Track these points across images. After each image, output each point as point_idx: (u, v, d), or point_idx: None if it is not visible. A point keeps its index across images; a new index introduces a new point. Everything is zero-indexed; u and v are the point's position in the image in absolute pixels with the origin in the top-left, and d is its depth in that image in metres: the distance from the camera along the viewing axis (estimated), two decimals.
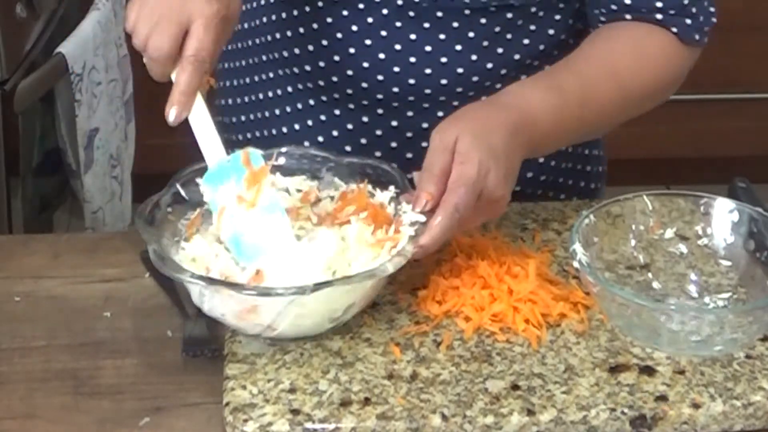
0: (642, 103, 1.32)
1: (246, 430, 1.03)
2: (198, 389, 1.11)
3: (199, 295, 1.10)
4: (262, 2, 1.40)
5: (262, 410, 1.04)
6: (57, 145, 2.28)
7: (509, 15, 1.33)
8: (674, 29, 1.31)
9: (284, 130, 1.42)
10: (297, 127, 1.41)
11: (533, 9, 1.34)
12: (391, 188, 1.20)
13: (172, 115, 1.13)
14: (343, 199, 1.19)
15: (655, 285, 1.19)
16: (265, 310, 1.08)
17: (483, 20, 1.33)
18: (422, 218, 1.14)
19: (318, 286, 1.06)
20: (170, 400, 1.10)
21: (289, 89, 1.41)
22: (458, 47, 1.34)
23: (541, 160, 1.42)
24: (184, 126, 1.16)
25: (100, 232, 2.29)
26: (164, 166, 1.43)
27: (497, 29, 1.34)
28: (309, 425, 1.03)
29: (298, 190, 1.21)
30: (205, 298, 1.09)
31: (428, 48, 1.34)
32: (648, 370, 1.09)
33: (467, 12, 1.32)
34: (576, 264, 1.12)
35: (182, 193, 1.18)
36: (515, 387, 1.07)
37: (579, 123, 1.26)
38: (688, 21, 1.30)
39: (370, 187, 1.21)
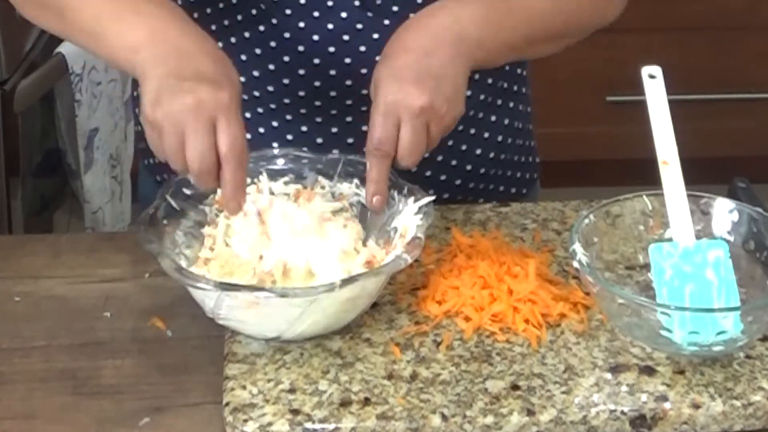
0: (579, 16, 1.33)
1: (246, 430, 1.03)
2: (198, 389, 1.11)
3: (216, 303, 1.09)
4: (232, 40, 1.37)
5: (262, 410, 1.04)
6: (57, 145, 2.28)
7: None
8: None
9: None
10: (262, 130, 1.39)
11: None
12: None
13: (231, 209, 1.14)
14: None
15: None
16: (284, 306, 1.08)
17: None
18: (428, 199, 1.17)
19: (345, 282, 1.07)
20: (170, 400, 1.10)
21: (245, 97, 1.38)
22: None
23: (469, 167, 1.42)
24: None
25: (100, 232, 2.29)
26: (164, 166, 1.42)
27: None
28: (309, 425, 1.03)
29: (285, 193, 1.21)
30: (224, 303, 1.08)
31: (375, 36, 1.32)
32: (648, 370, 1.09)
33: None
34: (576, 264, 1.12)
35: (174, 204, 1.18)
36: (515, 387, 1.07)
37: (512, 33, 1.27)
38: None
39: (357, 182, 1.21)
